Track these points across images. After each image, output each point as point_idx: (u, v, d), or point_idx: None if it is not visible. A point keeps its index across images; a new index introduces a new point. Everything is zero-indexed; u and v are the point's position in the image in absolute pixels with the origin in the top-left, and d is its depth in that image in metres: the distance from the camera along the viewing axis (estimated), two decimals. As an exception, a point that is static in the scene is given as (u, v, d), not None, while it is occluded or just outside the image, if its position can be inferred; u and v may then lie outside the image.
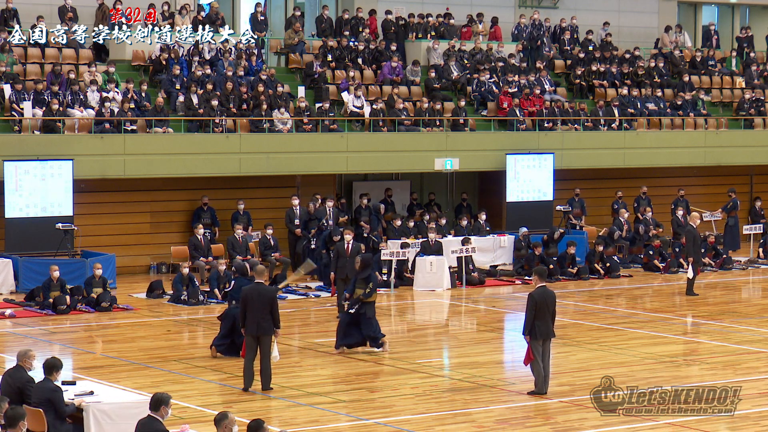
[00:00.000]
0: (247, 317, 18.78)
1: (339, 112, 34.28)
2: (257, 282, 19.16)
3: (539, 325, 18.43)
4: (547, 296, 18.57)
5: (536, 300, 18.46)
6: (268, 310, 18.71)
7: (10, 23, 32.54)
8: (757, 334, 24.58)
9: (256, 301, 18.71)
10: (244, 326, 18.92)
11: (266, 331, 18.71)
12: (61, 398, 14.83)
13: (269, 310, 18.71)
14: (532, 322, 18.43)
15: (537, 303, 18.44)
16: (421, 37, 37.93)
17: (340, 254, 25.47)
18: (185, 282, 27.63)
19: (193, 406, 17.97)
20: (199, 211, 31.92)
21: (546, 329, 18.50)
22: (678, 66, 41.06)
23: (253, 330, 18.74)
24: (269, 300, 18.73)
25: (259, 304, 18.69)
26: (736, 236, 36.30)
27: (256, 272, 19.45)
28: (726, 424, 17.09)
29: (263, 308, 18.69)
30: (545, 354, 18.66)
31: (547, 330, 18.53)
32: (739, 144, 38.86)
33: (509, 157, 34.74)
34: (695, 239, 28.73)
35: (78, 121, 30.50)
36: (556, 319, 18.92)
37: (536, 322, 18.42)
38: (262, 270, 19.45)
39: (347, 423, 17.42)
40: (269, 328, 18.73)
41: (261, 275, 19.29)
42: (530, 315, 18.43)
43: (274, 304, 18.73)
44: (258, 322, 18.68)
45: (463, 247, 30.21)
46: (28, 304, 26.84)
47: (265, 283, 19.32)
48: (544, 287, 18.68)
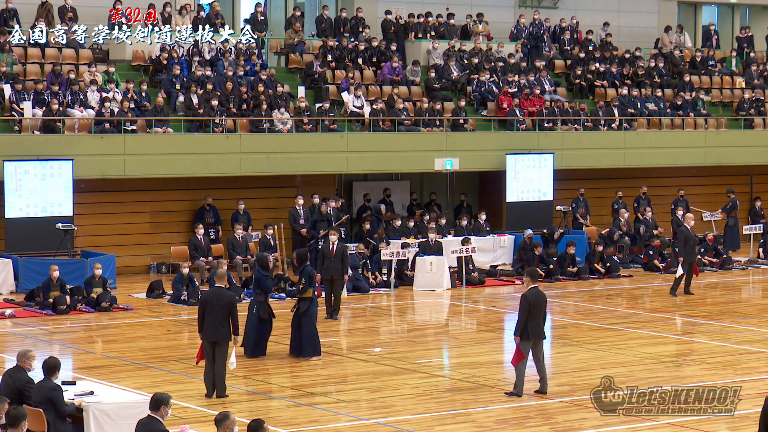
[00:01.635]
0: (205, 322, 18.31)
1: (339, 112, 34.29)
2: (217, 286, 18.60)
3: (531, 325, 18.52)
4: (539, 297, 18.68)
5: (530, 301, 18.55)
6: (227, 315, 18.22)
7: (10, 23, 32.54)
8: (757, 334, 24.58)
9: (215, 306, 18.24)
10: (201, 331, 18.44)
11: (224, 336, 18.28)
12: (61, 398, 14.84)
13: (228, 316, 18.23)
14: (524, 322, 18.50)
15: (530, 304, 18.52)
16: (421, 37, 37.94)
17: (325, 255, 25.52)
18: (185, 282, 27.64)
19: (193, 406, 17.97)
20: (202, 210, 31.92)
21: (538, 330, 18.60)
22: (678, 66, 41.06)
23: (210, 335, 18.30)
24: (228, 305, 18.22)
25: (218, 309, 18.21)
26: (736, 236, 36.32)
27: (217, 276, 18.89)
28: (726, 424, 17.10)
29: (222, 313, 18.20)
30: (539, 354, 18.71)
31: (539, 331, 18.62)
32: (739, 144, 38.86)
33: (509, 157, 34.75)
34: (687, 239, 28.65)
35: (78, 121, 30.50)
36: (554, 319, 18.95)
37: (529, 322, 18.51)
38: (222, 274, 18.87)
39: (347, 423, 17.43)
40: (227, 334, 18.28)
41: (221, 279, 18.71)
42: (523, 316, 18.53)
43: (233, 309, 18.21)
44: (216, 328, 18.24)
45: (463, 247, 30.21)
46: (28, 304, 26.84)
47: (225, 287, 18.70)
48: (537, 288, 18.78)
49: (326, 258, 25.48)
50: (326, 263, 25.44)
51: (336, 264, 25.35)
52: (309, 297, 21.55)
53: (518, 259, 32.58)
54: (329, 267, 25.34)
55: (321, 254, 25.83)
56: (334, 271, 25.35)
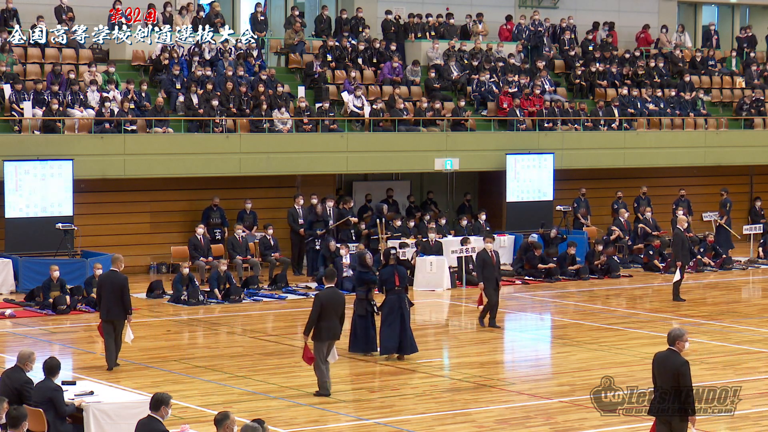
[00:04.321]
0: (102, 303, 20.41)
1: (339, 112, 34.29)
2: (112, 270, 20.53)
3: (324, 326, 18.52)
4: (333, 298, 18.68)
5: (321, 301, 18.59)
6: (119, 296, 20.19)
7: (10, 23, 32.54)
8: (757, 334, 24.59)
9: (108, 288, 20.33)
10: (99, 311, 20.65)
11: (117, 315, 20.28)
12: (62, 398, 14.84)
13: (120, 296, 20.18)
14: (314, 322, 18.48)
15: (322, 304, 18.53)
16: (420, 37, 37.94)
17: (486, 263, 24.91)
18: (185, 282, 27.64)
19: (193, 406, 17.97)
20: (209, 211, 31.92)
21: (332, 331, 18.59)
22: (678, 66, 41.06)
23: (105, 315, 20.34)
24: (120, 287, 20.24)
25: (110, 291, 20.28)
26: (729, 235, 36.15)
27: (112, 260, 20.78)
28: (726, 424, 17.10)
29: (114, 295, 20.22)
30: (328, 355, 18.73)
31: (334, 332, 18.62)
32: (738, 144, 38.86)
33: (509, 157, 34.75)
34: (683, 243, 28.25)
35: (78, 121, 30.51)
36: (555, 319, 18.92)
37: (321, 323, 18.52)
38: (117, 258, 20.76)
39: (347, 423, 17.43)
40: (120, 313, 20.26)
41: (116, 263, 20.61)
42: (313, 315, 18.50)
43: (124, 290, 20.22)
44: (109, 308, 20.27)
45: (463, 247, 30.21)
46: (28, 304, 26.84)
47: (119, 272, 20.42)
48: (333, 288, 18.89)
49: (487, 265, 24.84)
50: (487, 271, 24.77)
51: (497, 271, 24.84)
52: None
53: (518, 259, 32.59)
54: (490, 275, 24.64)
55: (480, 260, 25.25)
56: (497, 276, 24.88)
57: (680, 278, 28.13)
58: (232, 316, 26.43)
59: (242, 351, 22.49)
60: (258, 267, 30.23)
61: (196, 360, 21.64)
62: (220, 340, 24.03)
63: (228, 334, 24.70)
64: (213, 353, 22.36)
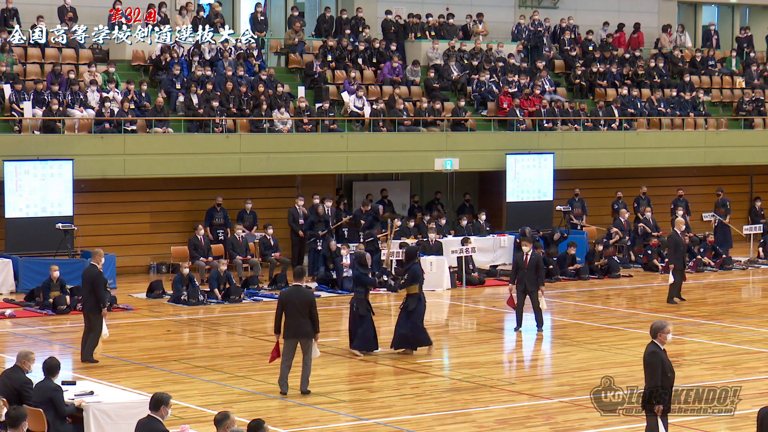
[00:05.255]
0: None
1: (339, 112, 34.29)
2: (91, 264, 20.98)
3: (288, 324, 18.62)
4: (295, 295, 18.73)
5: (281, 298, 18.82)
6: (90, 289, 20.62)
7: (10, 23, 32.54)
8: (757, 334, 24.59)
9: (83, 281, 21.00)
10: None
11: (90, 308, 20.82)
12: (62, 398, 14.84)
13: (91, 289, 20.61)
14: (279, 320, 18.65)
15: (282, 302, 18.70)
16: (420, 37, 37.93)
17: (519, 266, 24.81)
18: (185, 282, 27.64)
19: (193, 406, 17.98)
20: (213, 211, 31.91)
21: (296, 329, 18.61)
22: (678, 66, 41.06)
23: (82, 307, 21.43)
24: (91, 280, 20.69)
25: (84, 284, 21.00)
26: (727, 235, 36.12)
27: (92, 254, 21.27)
28: (726, 424, 17.11)
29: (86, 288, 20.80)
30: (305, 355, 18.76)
31: (298, 330, 18.64)
32: (738, 144, 38.85)
33: (509, 157, 34.75)
34: (677, 245, 28.10)
35: (78, 121, 30.51)
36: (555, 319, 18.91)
37: (285, 321, 18.64)
38: (96, 252, 21.22)
39: (347, 423, 17.44)
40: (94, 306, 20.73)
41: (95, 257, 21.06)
42: (277, 313, 18.69)
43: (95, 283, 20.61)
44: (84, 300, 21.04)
45: (463, 247, 30.21)
46: (28, 304, 26.84)
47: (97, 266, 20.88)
48: (297, 287, 18.96)
49: (519, 269, 24.64)
50: (519, 274, 24.59)
51: (530, 275, 24.43)
52: (416, 294, 22.05)
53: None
54: (523, 278, 24.50)
55: (514, 264, 25.13)
56: (528, 282, 24.46)
57: (675, 281, 27.87)
58: (232, 316, 26.44)
59: (242, 351, 22.50)
60: (258, 267, 30.23)
61: (196, 360, 21.64)
62: (220, 340, 24.04)
63: (228, 334, 24.70)
64: (213, 353, 22.37)
